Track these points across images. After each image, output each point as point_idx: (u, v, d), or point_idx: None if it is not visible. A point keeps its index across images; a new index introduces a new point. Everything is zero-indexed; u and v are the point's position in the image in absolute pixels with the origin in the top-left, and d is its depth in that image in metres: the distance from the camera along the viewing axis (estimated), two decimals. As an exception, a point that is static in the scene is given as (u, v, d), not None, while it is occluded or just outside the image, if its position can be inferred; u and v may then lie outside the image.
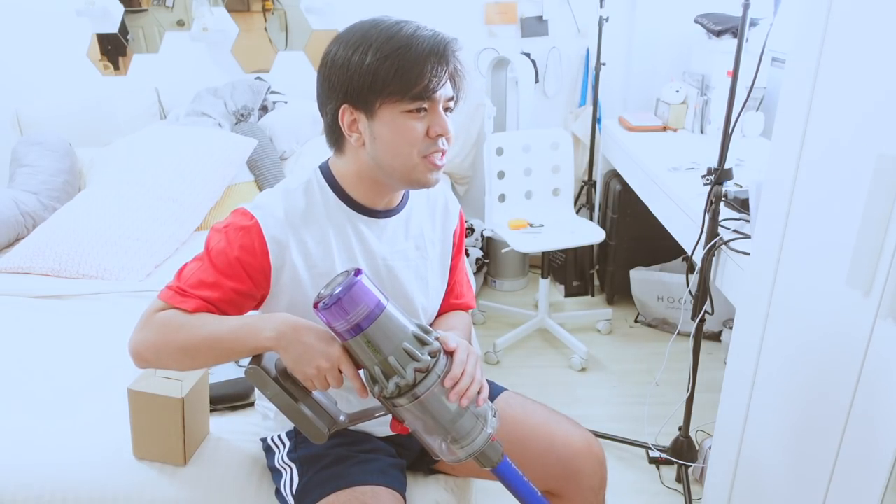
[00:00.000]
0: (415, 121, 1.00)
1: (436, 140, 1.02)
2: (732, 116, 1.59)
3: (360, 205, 1.09)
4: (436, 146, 1.02)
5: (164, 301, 1.02)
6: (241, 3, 3.01)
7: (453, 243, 1.24)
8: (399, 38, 0.98)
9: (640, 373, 2.48)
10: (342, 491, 1.07)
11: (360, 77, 0.98)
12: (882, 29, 0.91)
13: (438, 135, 1.02)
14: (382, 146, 1.02)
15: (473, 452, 0.95)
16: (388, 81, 0.97)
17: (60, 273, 2.09)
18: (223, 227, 1.04)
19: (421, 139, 1.01)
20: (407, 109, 0.99)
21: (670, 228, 2.09)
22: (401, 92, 0.98)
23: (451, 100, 1.04)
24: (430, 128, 1.01)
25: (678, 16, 2.82)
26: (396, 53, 0.97)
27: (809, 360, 1.11)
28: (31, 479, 1.23)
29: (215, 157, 2.49)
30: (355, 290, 0.88)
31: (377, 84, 0.97)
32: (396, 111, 0.99)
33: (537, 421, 1.25)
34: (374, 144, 1.02)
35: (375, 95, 0.98)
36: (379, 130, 1.01)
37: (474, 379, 0.95)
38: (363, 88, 0.98)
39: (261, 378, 0.95)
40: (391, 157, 1.02)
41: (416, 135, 1.00)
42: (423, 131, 1.01)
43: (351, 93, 1.00)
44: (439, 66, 0.99)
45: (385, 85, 0.97)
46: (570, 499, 1.24)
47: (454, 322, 1.23)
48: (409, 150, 1.01)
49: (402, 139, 1.00)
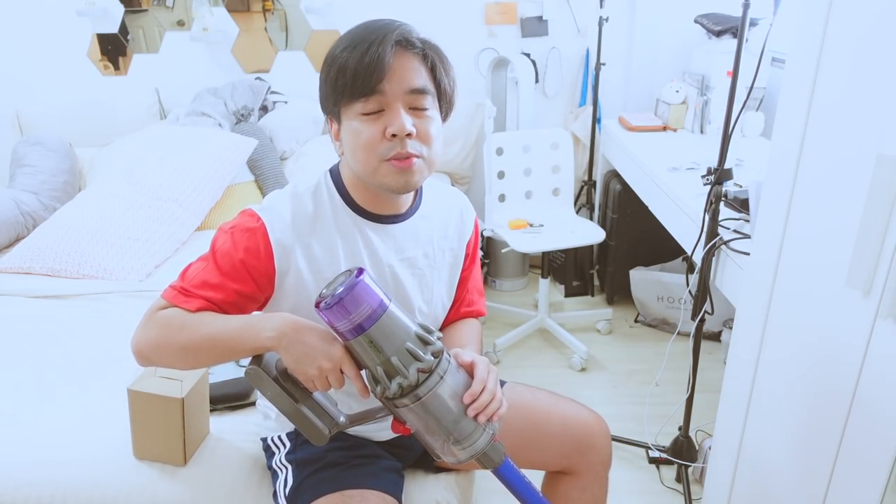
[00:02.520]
0: (369, 122, 0.97)
1: (394, 141, 0.96)
2: (732, 116, 1.59)
3: (366, 211, 1.08)
4: (395, 149, 0.97)
5: (168, 300, 1.02)
6: (241, 3, 3.01)
7: (467, 253, 1.22)
8: (350, 37, 0.97)
9: (640, 373, 2.48)
10: (332, 494, 1.07)
11: (323, 84, 1.00)
12: (882, 29, 0.91)
13: (393, 135, 0.96)
14: (348, 152, 1.02)
15: (475, 453, 0.94)
16: (336, 84, 0.97)
17: (60, 273, 2.09)
18: (230, 228, 1.04)
19: (377, 142, 0.97)
20: (362, 112, 0.97)
21: (670, 228, 2.09)
22: (349, 92, 0.96)
23: (416, 93, 0.98)
24: (385, 128, 0.97)
25: (678, 16, 2.82)
26: (343, 53, 0.96)
27: (809, 360, 1.11)
28: (31, 478, 1.23)
29: (215, 157, 2.49)
30: (357, 289, 0.87)
31: (331, 89, 0.98)
32: (353, 114, 0.98)
33: (548, 403, 1.28)
34: (346, 152, 1.02)
35: (335, 100, 0.99)
36: (344, 137, 1.01)
37: (494, 396, 0.94)
38: (327, 96, 1.00)
39: (261, 378, 0.95)
40: (355, 162, 1.01)
41: (370, 137, 0.97)
42: (380, 133, 0.97)
43: (323, 102, 1.02)
44: (378, 56, 0.93)
45: (336, 88, 0.97)
46: (581, 474, 1.27)
47: (466, 334, 1.22)
48: (366, 154, 0.98)
49: (357, 143, 0.98)
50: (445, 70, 1.02)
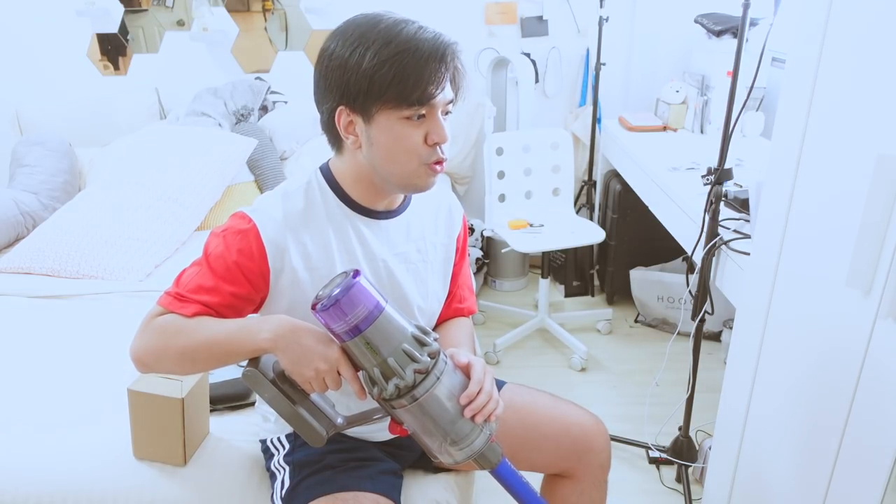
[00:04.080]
0: (413, 128, 0.98)
1: (435, 148, 1.00)
2: (732, 116, 1.59)
3: (360, 206, 1.08)
4: (436, 155, 1.00)
5: (164, 307, 1.02)
6: (241, 3, 3.01)
7: (457, 248, 1.23)
8: (398, 41, 0.94)
9: (640, 373, 2.48)
10: (326, 496, 1.07)
11: (357, 80, 0.95)
12: (882, 29, 0.91)
13: (436, 143, 1.00)
14: (380, 152, 1.00)
15: (473, 454, 0.95)
16: (385, 87, 0.94)
17: (60, 273, 2.09)
18: (221, 232, 1.04)
19: (420, 147, 0.99)
20: (405, 116, 0.97)
21: (670, 228, 2.08)
22: (399, 98, 0.95)
23: (450, 103, 1.02)
24: (428, 135, 0.99)
25: (678, 16, 2.82)
26: (395, 59, 0.93)
27: (809, 360, 1.11)
28: (30, 478, 1.23)
29: (215, 157, 2.49)
30: (354, 291, 0.87)
31: (374, 89, 0.95)
32: (394, 117, 0.97)
33: (547, 405, 1.28)
34: (371, 149, 1.00)
35: (373, 101, 0.96)
36: (376, 136, 0.99)
37: (491, 397, 0.95)
38: (360, 92, 0.96)
39: (258, 380, 0.95)
40: (389, 163, 1.01)
41: (415, 143, 0.99)
42: (422, 138, 0.99)
43: (347, 95, 0.97)
44: (438, 72, 0.95)
45: (383, 91, 0.95)
46: (580, 478, 1.27)
47: (459, 334, 1.22)
48: (407, 157, 0.99)
49: (400, 147, 0.99)
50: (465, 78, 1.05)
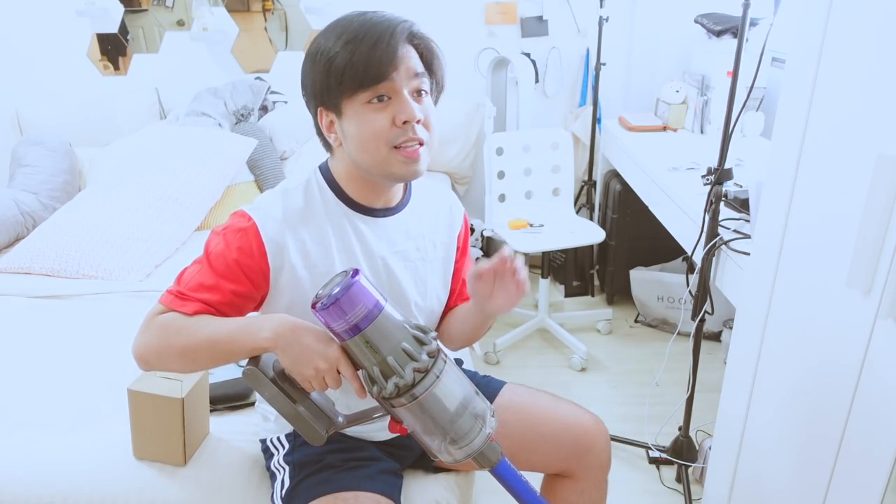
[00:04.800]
0: (377, 111, 0.98)
1: (404, 128, 0.99)
2: (732, 116, 1.59)
3: (358, 204, 1.09)
4: (405, 135, 0.99)
5: (165, 305, 1.02)
6: (241, 3, 3.01)
7: (458, 246, 1.23)
8: (349, 30, 0.97)
9: (640, 373, 2.47)
10: (325, 496, 1.07)
11: (322, 78, 0.99)
12: (882, 29, 0.91)
13: (405, 122, 0.98)
14: (353, 143, 1.01)
15: (472, 453, 0.95)
16: (341, 76, 0.96)
17: (60, 273, 2.09)
18: (222, 230, 1.04)
19: (387, 130, 0.98)
20: (367, 101, 0.98)
21: (670, 228, 2.08)
22: (354, 83, 0.96)
23: (417, 78, 1.00)
24: (395, 116, 0.98)
25: (678, 16, 2.82)
26: (346, 47, 0.96)
27: (809, 360, 1.11)
28: (30, 478, 1.23)
29: (215, 157, 2.49)
30: (353, 290, 0.88)
31: (334, 81, 0.97)
32: (358, 105, 0.98)
33: (547, 405, 1.29)
34: (347, 143, 1.02)
35: (337, 93, 0.98)
36: (348, 128, 1.01)
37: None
38: (325, 89, 0.99)
39: (258, 379, 0.95)
40: (362, 153, 1.01)
41: (380, 126, 0.98)
42: (389, 121, 0.98)
43: (318, 95, 1.01)
44: (389, 48, 0.96)
45: (340, 80, 0.97)
46: (580, 478, 1.27)
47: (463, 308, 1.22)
48: (375, 143, 0.99)
49: (366, 132, 0.99)
50: (439, 58, 1.05)
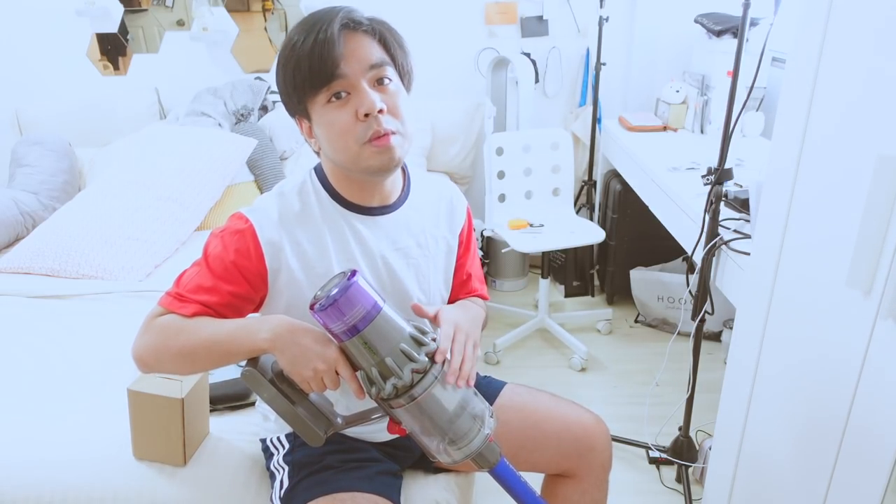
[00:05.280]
0: (338, 109, 0.97)
1: (367, 121, 0.96)
2: (732, 116, 1.59)
3: (353, 204, 1.08)
4: (371, 128, 0.96)
5: (164, 307, 1.02)
6: (241, 3, 3.01)
7: (460, 241, 1.22)
8: (297, 31, 0.97)
9: (640, 373, 2.47)
10: (323, 497, 1.07)
11: (284, 86, 1.00)
12: (882, 29, 0.91)
13: (366, 114, 0.96)
14: (326, 145, 1.02)
15: (471, 453, 0.95)
16: (295, 81, 0.97)
17: (60, 273, 2.09)
18: (220, 233, 1.05)
19: (352, 126, 0.97)
20: (327, 101, 0.97)
21: (670, 228, 2.08)
22: (309, 85, 0.96)
23: (375, 68, 0.98)
24: (357, 110, 0.96)
25: (678, 16, 2.81)
26: (295, 49, 0.96)
27: (809, 360, 1.11)
28: (30, 478, 1.23)
29: (215, 157, 2.49)
30: (351, 291, 0.88)
31: (291, 89, 0.98)
32: (320, 106, 0.98)
33: (548, 405, 1.28)
34: (322, 145, 1.03)
35: (299, 99, 0.99)
36: (318, 130, 1.01)
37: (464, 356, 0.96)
38: (289, 97, 1.00)
39: (257, 380, 0.95)
40: (335, 152, 1.01)
41: (344, 123, 0.97)
42: (352, 117, 0.96)
43: (288, 104, 1.02)
44: (329, 42, 0.94)
45: (295, 85, 0.97)
46: (581, 477, 1.27)
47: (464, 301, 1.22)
48: (343, 141, 0.98)
49: (333, 132, 0.98)
50: (398, 42, 1.03)
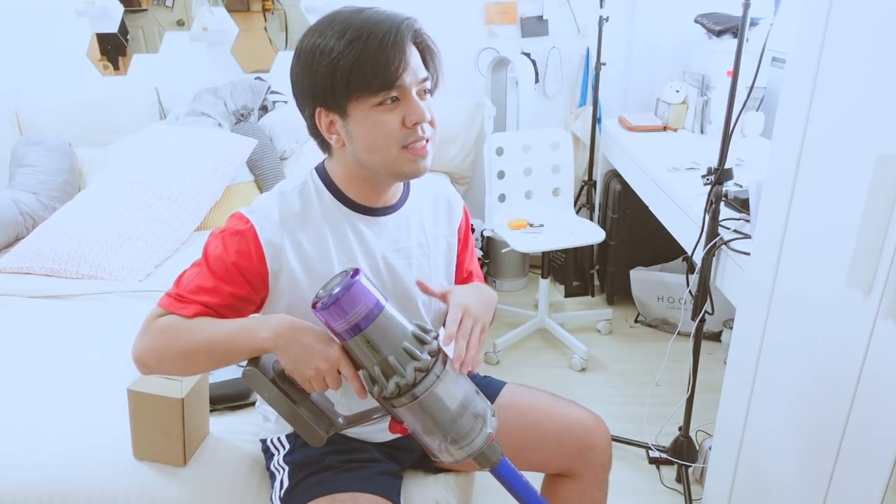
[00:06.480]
0: (387, 113, 0.97)
1: (413, 129, 0.99)
2: (732, 116, 1.59)
3: (357, 204, 1.08)
4: (415, 135, 0.99)
5: (164, 308, 1.02)
6: (241, 3, 3.01)
7: (459, 238, 1.23)
8: (352, 30, 0.95)
9: (640, 373, 2.47)
10: (323, 497, 1.07)
11: (323, 79, 0.96)
12: (882, 29, 0.91)
13: (415, 123, 0.98)
14: (361, 144, 1.00)
15: (472, 453, 0.94)
16: (349, 78, 0.95)
17: (60, 273, 2.09)
18: (220, 233, 1.04)
19: (397, 131, 0.98)
20: (377, 103, 0.97)
21: (670, 228, 2.08)
22: (364, 86, 0.95)
23: (424, 81, 1.00)
24: (405, 117, 0.98)
25: (678, 16, 2.82)
26: (351, 47, 0.94)
27: (809, 360, 1.11)
28: (30, 478, 1.23)
29: (215, 157, 2.49)
30: (354, 290, 0.87)
31: (339, 84, 0.96)
32: (366, 107, 0.97)
33: (548, 404, 1.28)
34: (353, 144, 1.01)
35: (343, 95, 0.97)
36: (354, 130, 0.99)
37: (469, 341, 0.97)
38: (328, 90, 0.97)
39: (258, 380, 0.95)
40: (371, 153, 1.00)
41: (391, 128, 0.98)
42: (399, 122, 0.98)
43: (319, 95, 0.99)
44: (397, 50, 0.95)
45: (347, 83, 0.95)
46: (582, 477, 1.27)
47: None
48: (385, 144, 0.98)
49: (377, 135, 0.98)
50: (437, 55, 1.04)
